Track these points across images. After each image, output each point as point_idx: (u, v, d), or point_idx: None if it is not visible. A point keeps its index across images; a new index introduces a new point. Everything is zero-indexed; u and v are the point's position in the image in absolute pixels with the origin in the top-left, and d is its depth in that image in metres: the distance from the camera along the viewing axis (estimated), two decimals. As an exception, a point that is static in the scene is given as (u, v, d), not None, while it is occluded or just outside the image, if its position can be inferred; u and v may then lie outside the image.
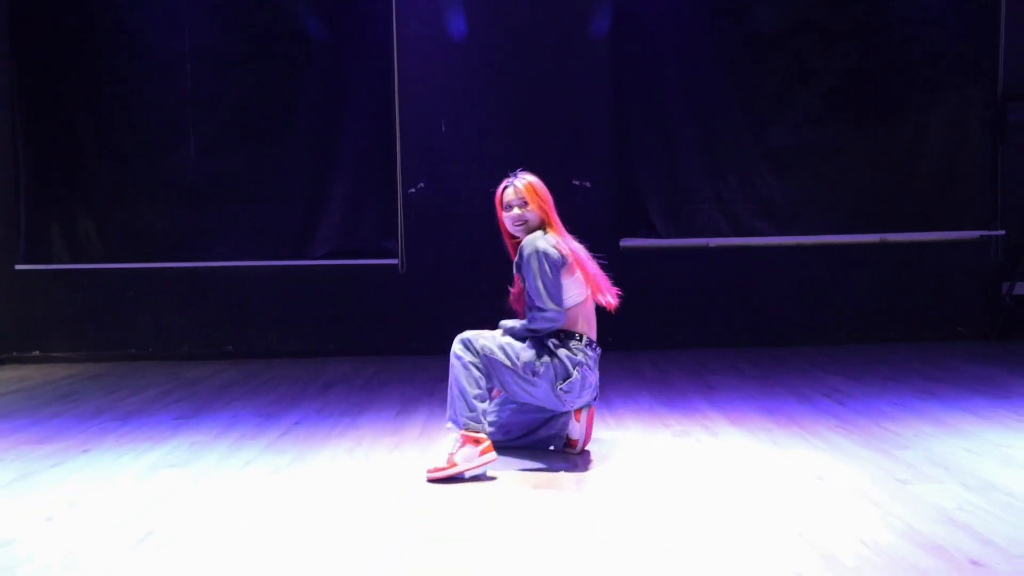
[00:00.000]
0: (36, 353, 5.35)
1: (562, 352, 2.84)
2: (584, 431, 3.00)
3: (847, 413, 3.49)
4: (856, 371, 4.41)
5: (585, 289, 2.95)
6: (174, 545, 2.22)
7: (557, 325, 2.85)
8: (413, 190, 5.26)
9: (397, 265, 5.30)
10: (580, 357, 2.85)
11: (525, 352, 2.83)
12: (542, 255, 2.82)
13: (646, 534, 2.21)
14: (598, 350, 2.97)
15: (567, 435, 3.03)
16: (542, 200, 2.95)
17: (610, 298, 3.03)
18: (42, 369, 5.10)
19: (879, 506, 2.36)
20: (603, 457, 2.96)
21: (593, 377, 2.93)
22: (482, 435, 2.76)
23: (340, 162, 5.26)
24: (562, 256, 2.85)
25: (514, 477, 2.75)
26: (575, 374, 2.84)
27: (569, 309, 2.89)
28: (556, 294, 2.82)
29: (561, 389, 2.84)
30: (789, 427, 3.29)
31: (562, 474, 2.78)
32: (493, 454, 2.76)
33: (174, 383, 4.54)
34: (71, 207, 5.29)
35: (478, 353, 2.82)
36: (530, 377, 2.82)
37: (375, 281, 5.36)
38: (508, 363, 2.81)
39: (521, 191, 2.94)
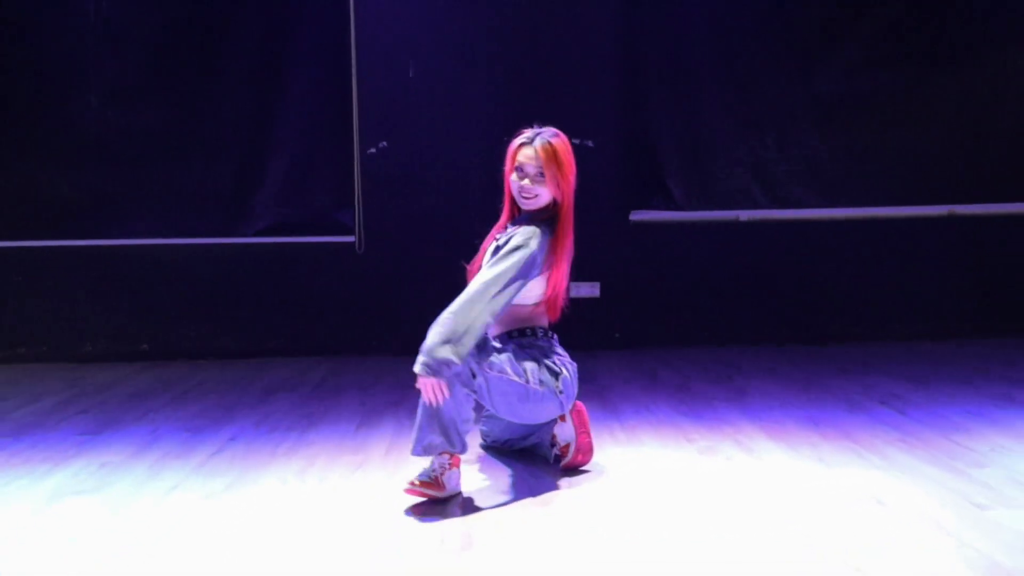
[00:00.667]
0: (-100, 353, 5.30)
1: (541, 357, 2.96)
2: (576, 434, 3.03)
3: (909, 424, 3.54)
4: (919, 373, 4.46)
5: (543, 291, 2.99)
6: (85, 590, 2.21)
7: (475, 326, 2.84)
8: (373, 150, 5.24)
9: (354, 243, 5.28)
10: (554, 354, 3.00)
11: (529, 365, 2.89)
12: (526, 264, 2.83)
13: (665, 572, 2.23)
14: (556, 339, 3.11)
15: (557, 440, 3.08)
16: (563, 177, 2.93)
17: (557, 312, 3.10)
18: (-92, 373, 5.05)
19: (953, 536, 2.40)
20: (613, 480, 2.98)
21: (574, 368, 3.05)
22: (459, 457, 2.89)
23: (282, 114, 5.23)
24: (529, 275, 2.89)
25: (504, 508, 2.77)
26: (564, 372, 2.95)
27: (536, 305, 3.00)
28: (495, 306, 2.79)
29: (559, 390, 2.93)
30: (839, 441, 3.33)
31: (561, 499, 2.80)
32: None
33: (76, 389, 4.51)
34: (-59, 169, 5.23)
35: (485, 383, 2.81)
36: (538, 387, 2.88)
37: (326, 263, 5.34)
38: (518, 380, 2.85)
39: (541, 156, 2.91)
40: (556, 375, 2.91)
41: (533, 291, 2.94)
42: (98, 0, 5.13)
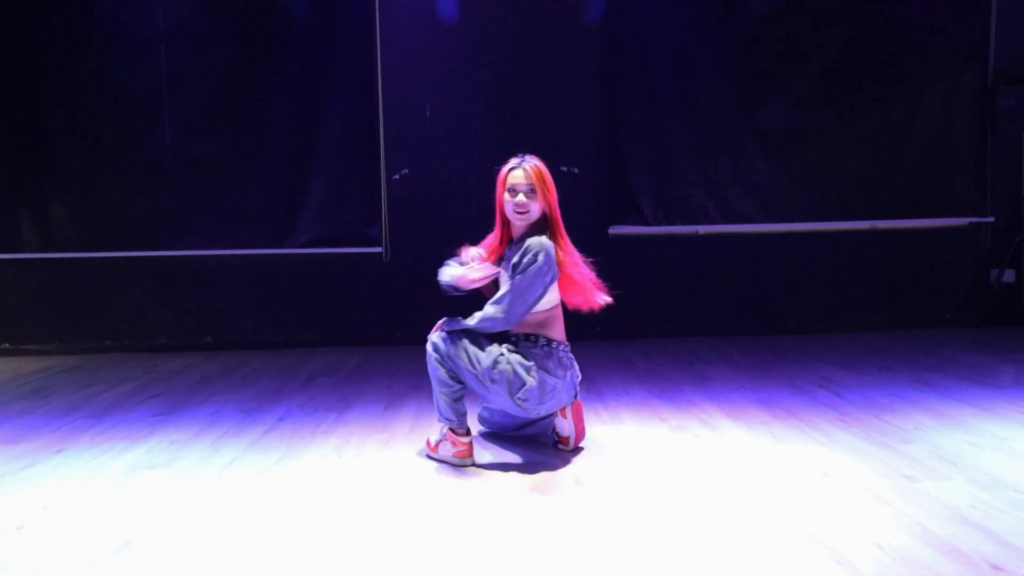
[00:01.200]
0: (6, 346, 5.16)
1: (515, 358, 2.72)
2: (573, 427, 2.91)
3: (844, 405, 3.43)
4: (849, 360, 4.36)
5: (556, 297, 2.84)
6: (156, 553, 2.10)
7: (497, 330, 2.76)
8: (397, 176, 5.12)
9: (381, 253, 5.16)
10: (531, 362, 2.73)
11: (485, 357, 2.71)
12: (547, 265, 2.71)
13: (651, 536, 2.13)
14: (561, 349, 2.84)
15: (558, 432, 2.94)
16: (549, 191, 2.82)
17: (598, 300, 2.91)
18: (12, 362, 4.91)
19: (890, 505, 2.30)
20: (600, 454, 2.87)
21: (556, 381, 2.77)
22: (461, 439, 2.76)
23: (321, 146, 5.10)
24: (555, 274, 2.76)
25: (511, 476, 2.66)
26: (530, 381, 2.71)
27: (548, 311, 2.82)
28: (524, 311, 2.71)
29: (519, 398, 2.72)
30: (787, 420, 3.22)
31: (560, 472, 2.69)
32: (468, 460, 2.76)
33: (151, 376, 4.38)
34: (42, 193, 5.08)
35: (445, 355, 2.73)
36: (489, 384, 2.71)
37: (359, 269, 5.22)
38: (470, 368, 2.71)
39: (531, 176, 2.80)
40: (520, 384, 2.69)
41: (547, 297, 2.79)
42: (169, 52, 5.01)
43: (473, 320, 2.77)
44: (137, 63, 5.02)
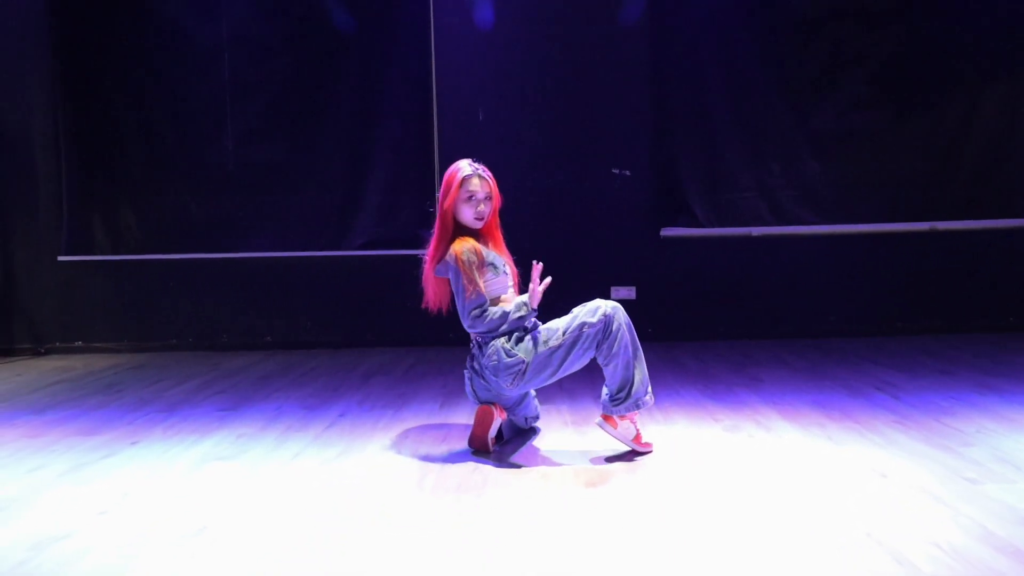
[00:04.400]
0: (79, 343, 5.40)
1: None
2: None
3: (903, 408, 3.39)
4: (907, 363, 4.29)
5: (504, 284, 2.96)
6: (230, 537, 2.20)
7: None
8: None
9: (435, 255, 5.25)
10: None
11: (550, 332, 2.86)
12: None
13: (707, 532, 2.15)
14: (472, 347, 2.99)
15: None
16: (497, 197, 2.97)
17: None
18: (84, 359, 5.14)
19: (949, 506, 2.28)
20: (655, 452, 2.89)
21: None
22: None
23: (377, 152, 5.23)
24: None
25: (565, 472, 2.70)
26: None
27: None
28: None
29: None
30: (844, 422, 3.20)
31: (613, 467, 2.73)
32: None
33: (215, 373, 4.54)
34: (112, 198, 5.32)
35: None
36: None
37: (413, 271, 5.29)
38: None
39: (489, 185, 2.93)
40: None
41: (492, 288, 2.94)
42: (232, 62, 5.19)
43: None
44: (202, 73, 5.21)
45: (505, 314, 2.82)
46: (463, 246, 2.87)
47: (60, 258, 5.32)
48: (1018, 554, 1.96)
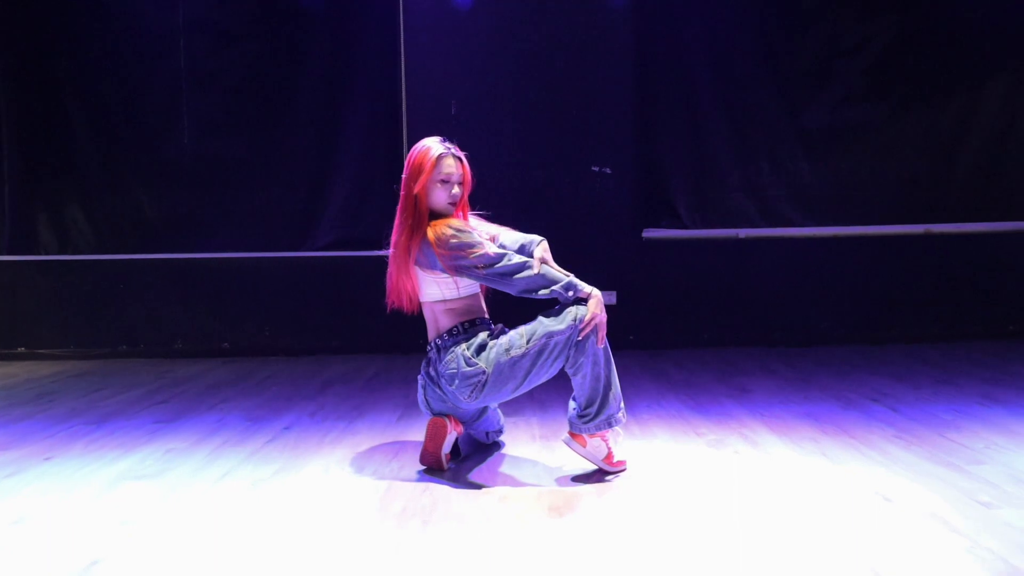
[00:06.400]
0: (21, 349, 5.03)
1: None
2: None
3: (902, 420, 3.09)
4: (903, 372, 4.00)
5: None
6: (121, 574, 1.86)
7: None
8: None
9: (403, 256, 4.92)
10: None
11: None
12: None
13: (682, 564, 1.83)
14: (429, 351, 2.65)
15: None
16: (469, 182, 2.66)
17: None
18: (27, 366, 4.77)
19: (965, 536, 1.97)
20: (629, 471, 2.58)
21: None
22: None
23: (343, 146, 4.92)
24: None
25: (528, 492, 2.38)
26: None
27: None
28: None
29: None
30: (839, 436, 2.90)
31: (581, 488, 2.41)
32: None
33: (162, 382, 4.20)
34: (59, 193, 4.97)
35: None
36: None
37: (380, 273, 4.96)
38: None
39: (464, 166, 2.62)
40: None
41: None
42: (188, 48, 4.87)
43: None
44: (156, 60, 4.89)
45: (543, 276, 2.47)
46: (447, 225, 2.51)
47: (2, 257, 4.97)
48: (1051, 597, 1.66)
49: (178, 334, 5.03)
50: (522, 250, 2.57)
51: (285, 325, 5.02)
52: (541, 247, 2.57)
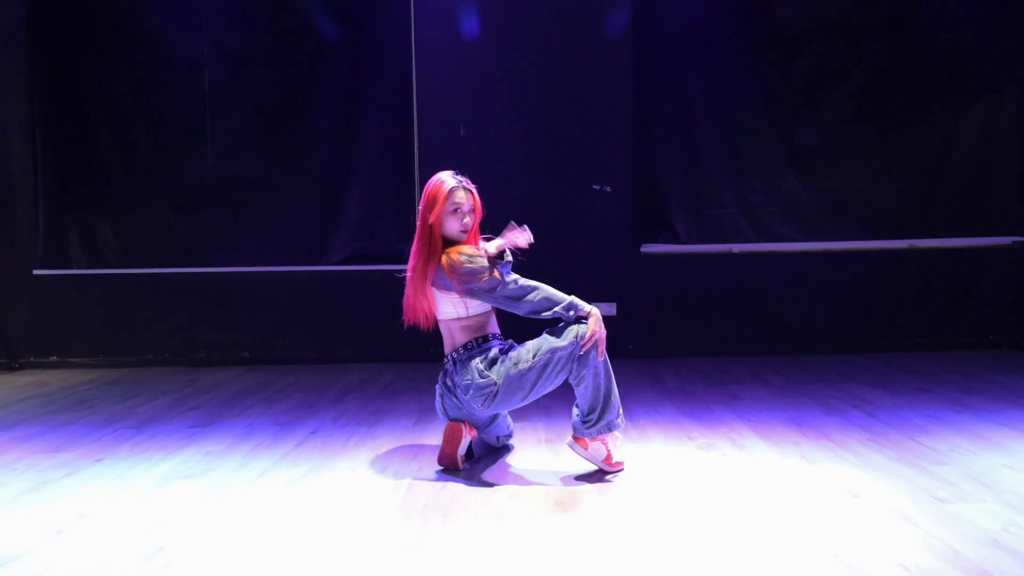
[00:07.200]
0: (53, 358, 5.33)
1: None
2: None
3: (878, 426, 3.37)
4: (884, 381, 4.28)
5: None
6: (185, 561, 2.15)
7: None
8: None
9: (415, 270, 5.21)
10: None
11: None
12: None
13: (672, 553, 2.12)
14: (446, 363, 2.94)
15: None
16: (480, 211, 2.93)
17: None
18: (59, 374, 5.07)
19: (919, 527, 2.25)
20: (627, 471, 2.86)
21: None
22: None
23: (358, 165, 5.21)
24: None
25: (535, 491, 2.67)
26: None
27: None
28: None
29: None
30: (818, 440, 3.18)
31: (582, 487, 2.70)
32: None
33: (190, 389, 4.49)
34: (89, 211, 5.27)
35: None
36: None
37: (392, 286, 5.24)
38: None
39: (473, 197, 2.89)
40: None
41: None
42: (212, 75, 5.17)
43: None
44: (182, 86, 5.19)
45: (548, 299, 2.77)
46: (459, 252, 2.79)
47: (36, 272, 5.27)
48: (985, 576, 1.94)
49: (202, 344, 5.32)
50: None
51: (303, 335, 5.31)
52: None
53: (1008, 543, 2.13)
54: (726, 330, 5.25)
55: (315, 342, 5.32)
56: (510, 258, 2.84)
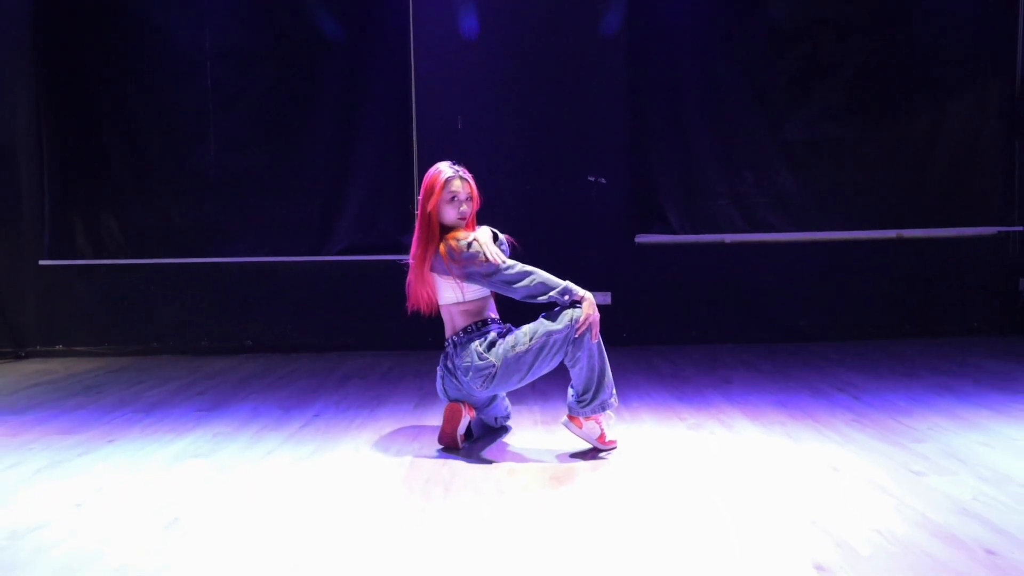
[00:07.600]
0: (59, 347, 5.45)
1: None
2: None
3: (862, 407, 3.51)
4: (871, 366, 4.42)
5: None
6: (202, 529, 2.28)
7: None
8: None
9: (414, 261, 5.33)
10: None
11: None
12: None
13: (662, 522, 2.25)
14: (447, 346, 3.09)
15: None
16: (477, 199, 3.06)
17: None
18: (65, 363, 5.19)
19: (894, 497, 2.39)
20: (619, 449, 2.99)
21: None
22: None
23: (358, 158, 5.32)
24: None
25: (532, 466, 2.80)
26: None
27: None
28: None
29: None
30: (803, 420, 3.31)
31: (576, 464, 2.82)
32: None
33: (195, 376, 4.61)
34: (94, 203, 5.37)
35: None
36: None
37: (391, 276, 5.36)
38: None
39: (470, 185, 3.02)
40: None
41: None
42: (215, 71, 5.27)
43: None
44: (185, 81, 5.29)
45: (544, 284, 2.88)
46: (456, 238, 2.92)
47: (42, 262, 5.38)
48: (953, 539, 2.07)
49: (204, 333, 5.44)
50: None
51: (304, 324, 5.43)
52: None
53: (976, 510, 2.26)
54: (719, 318, 5.39)
55: (316, 330, 5.44)
56: (503, 240, 2.96)
